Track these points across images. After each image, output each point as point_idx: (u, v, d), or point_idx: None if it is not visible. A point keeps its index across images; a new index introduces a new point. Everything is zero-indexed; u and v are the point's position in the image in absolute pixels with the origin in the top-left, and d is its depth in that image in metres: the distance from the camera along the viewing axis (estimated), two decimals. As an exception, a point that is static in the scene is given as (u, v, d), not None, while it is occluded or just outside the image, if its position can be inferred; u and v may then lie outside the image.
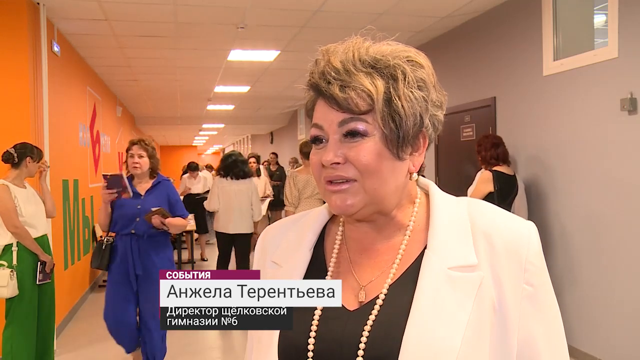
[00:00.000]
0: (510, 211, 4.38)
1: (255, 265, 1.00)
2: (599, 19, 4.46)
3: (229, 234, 5.86)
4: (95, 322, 5.94)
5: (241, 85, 9.71)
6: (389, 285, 0.83)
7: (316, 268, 0.91)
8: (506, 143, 4.58)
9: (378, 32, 0.88)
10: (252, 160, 8.43)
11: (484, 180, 4.36)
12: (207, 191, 9.87)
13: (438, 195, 0.90)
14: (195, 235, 9.25)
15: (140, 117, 14.07)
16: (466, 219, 0.85)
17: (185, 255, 8.99)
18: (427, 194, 0.92)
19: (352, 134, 0.81)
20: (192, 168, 10.11)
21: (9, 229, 3.70)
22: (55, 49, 5.35)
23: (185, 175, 10.23)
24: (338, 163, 0.81)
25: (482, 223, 0.85)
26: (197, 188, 10.03)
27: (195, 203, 9.72)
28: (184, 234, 8.18)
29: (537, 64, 4.67)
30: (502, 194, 4.33)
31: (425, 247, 0.85)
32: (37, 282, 3.84)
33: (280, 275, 0.91)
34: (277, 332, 0.85)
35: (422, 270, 0.82)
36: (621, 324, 3.92)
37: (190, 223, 7.79)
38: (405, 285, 0.82)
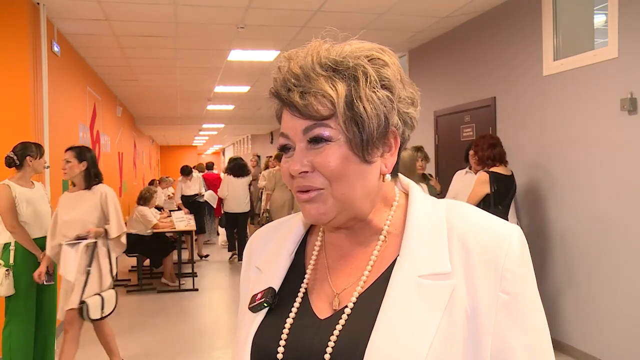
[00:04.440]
0: (508, 211, 4.42)
1: (242, 270, 1.00)
2: (599, 19, 4.46)
3: (234, 212, 9.13)
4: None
5: (241, 85, 9.72)
6: (359, 294, 0.81)
7: (295, 274, 0.89)
8: (506, 143, 4.58)
9: (340, 32, 0.85)
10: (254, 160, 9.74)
11: (480, 182, 4.35)
12: (202, 194, 9.91)
13: (416, 198, 0.87)
14: (195, 236, 9.25)
15: (140, 117, 14.07)
16: (443, 223, 0.82)
17: (185, 255, 8.99)
18: (407, 195, 0.89)
19: (317, 140, 0.79)
20: (185, 172, 10.10)
21: (7, 228, 3.72)
22: (55, 49, 5.35)
23: (179, 179, 10.24)
24: (306, 172, 0.79)
25: (460, 227, 0.81)
26: (193, 189, 10.03)
27: (192, 204, 9.73)
28: (184, 234, 8.19)
29: (537, 64, 4.67)
30: (500, 195, 4.33)
31: (398, 255, 0.82)
32: (45, 284, 3.83)
33: (261, 280, 0.90)
34: (250, 341, 0.85)
35: (392, 278, 0.79)
36: (621, 323, 3.92)
37: (190, 223, 7.84)
38: (376, 294, 0.80)
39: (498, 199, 4.31)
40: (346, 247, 0.87)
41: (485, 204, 4.28)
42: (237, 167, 9.14)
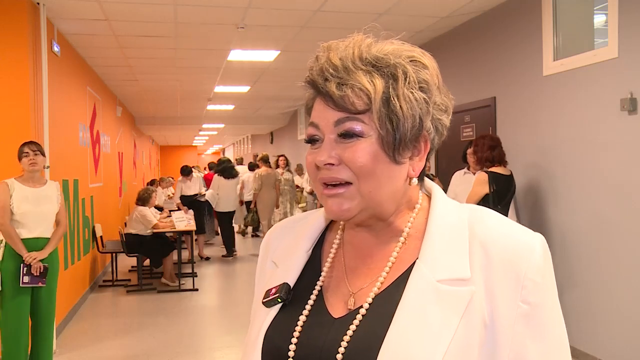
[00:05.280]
0: (508, 211, 4.42)
1: (258, 263, 0.99)
2: (599, 19, 4.46)
3: (222, 211, 9.75)
4: (95, 322, 5.96)
5: (241, 85, 9.72)
6: (375, 295, 0.80)
7: (311, 271, 0.88)
8: (506, 143, 4.58)
9: (382, 31, 0.85)
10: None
11: (480, 182, 4.35)
12: (203, 194, 9.93)
13: (439, 202, 0.85)
14: (195, 236, 9.25)
15: (140, 117, 14.07)
16: (465, 229, 0.80)
17: (185, 254, 8.99)
18: (430, 200, 0.88)
19: (348, 135, 0.77)
20: (185, 172, 10.10)
21: None
22: (55, 49, 5.35)
23: (179, 179, 10.23)
24: (332, 164, 0.78)
25: (482, 233, 0.79)
26: (193, 189, 10.04)
27: (192, 203, 9.73)
28: (184, 234, 8.19)
29: (537, 64, 4.67)
30: (499, 195, 4.33)
31: (418, 257, 0.81)
32: (21, 284, 3.75)
33: (277, 275, 0.89)
34: (262, 336, 0.84)
35: (409, 281, 0.78)
36: (621, 323, 3.92)
37: (190, 223, 7.84)
38: (392, 295, 0.79)
39: (497, 199, 4.31)
40: (365, 247, 0.86)
41: (484, 203, 4.28)
42: (226, 170, 9.72)
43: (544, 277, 0.77)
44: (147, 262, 7.95)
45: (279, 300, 0.85)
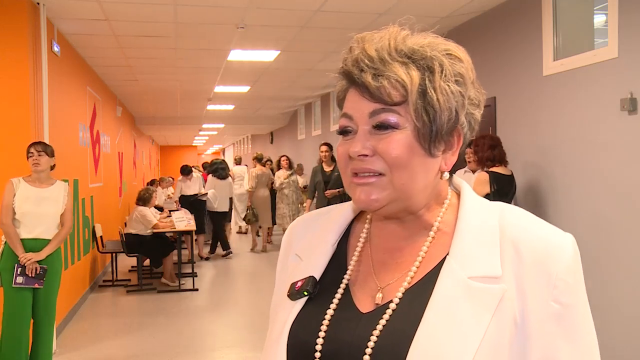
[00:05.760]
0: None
1: (280, 257, 0.98)
2: (599, 19, 4.46)
3: (221, 211, 9.90)
4: (95, 322, 5.96)
5: (241, 85, 9.72)
6: (405, 290, 0.79)
7: (336, 264, 0.87)
8: (506, 143, 4.58)
9: (416, 24, 0.85)
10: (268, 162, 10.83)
11: (480, 182, 4.35)
12: (204, 194, 9.94)
13: (469, 198, 0.85)
14: (195, 236, 9.25)
15: (140, 117, 14.07)
16: (495, 226, 0.79)
17: (185, 254, 8.99)
18: (458, 195, 0.87)
19: (383, 126, 0.77)
20: (185, 172, 10.10)
21: None
22: (55, 49, 5.35)
23: (179, 179, 10.24)
24: (366, 155, 0.77)
25: (512, 231, 0.78)
26: (193, 189, 10.04)
27: (191, 203, 9.72)
28: (184, 234, 8.19)
29: (537, 64, 4.67)
30: (500, 195, 4.32)
31: (448, 253, 0.80)
32: (14, 285, 3.72)
33: (301, 269, 0.88)
34: (287, 329, 0.82)
35: (440, 277, 0.77)
36: (621, 324, 3.92)
37: (190, 223, 7.84)
38: (422, 291, 0.78)
39: (498, 199, 4.31)
40: (393, 241, 0.85)
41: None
42: (217, 171, 9.98)
43: (575, 278, 0.77)
44: (147, 262, 7.95)
45: (305, 293, 0.84)
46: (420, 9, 5.22)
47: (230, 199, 10.29)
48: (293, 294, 0.85)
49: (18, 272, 3.74)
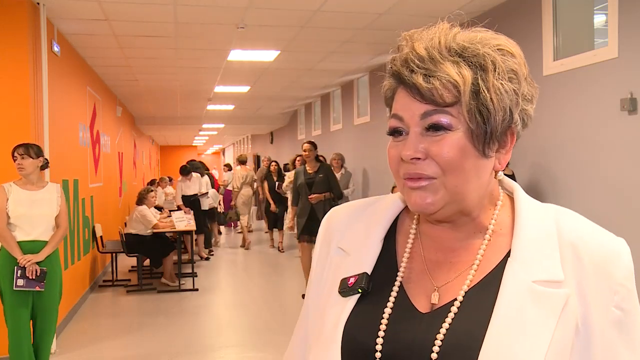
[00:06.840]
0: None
1: (318, 246, 0.94)
2: (599, 19, 4.46)
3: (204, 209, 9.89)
4: (95, 322, 5.96)
5: (241, 85, 9.72)
6: (465, 291, 0.77)
7: (386, 262, 0.84)
8: (506, 143, 4.57)
9: (466, 18, 0.84)
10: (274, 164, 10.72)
11: None
12: (205, 193, 9.94)
13: (524, 199, 0.83)
14: (194, 236, 9.25)
15: (140, 117, 14.07)
16: (553, 228, 0.78)
17: (185, 255, 8.99)
18: (510, 197, 0.86)
19: (435, 128, 0.74)
20: (185, 172, 10.07)
21: None
22: (55, 49, 5.35)
23: (179, 179, 10.23)
24: (418, 158, 0.75)
25: (571, 234, 0.77)
26: (192, 189, 10.03)
27: (193, 203, 9.71)
28: (184, 234, 8.18)
29: (537, 64, 4.67)
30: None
31: (506, 255, 0.78)
32: (15, 288, 3.69)
33: (348, 263, 0.85)
34: (341, 328, 0.79)
35: (504, 279, 0.75)
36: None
37: (189, 223, 7.84)
38: (484, 293, 0.76)
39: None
40: (446, 241, 0.83)
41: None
42: (197, 170, 10.20)
43: (633, 284, 0.76)
44: (147, 262, 7.95)
45: (359, 290, 0.81)
46: (420, 9, 5.22)
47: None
48: (345, 291, 0.82)
49: (18, 275, 3.70)
